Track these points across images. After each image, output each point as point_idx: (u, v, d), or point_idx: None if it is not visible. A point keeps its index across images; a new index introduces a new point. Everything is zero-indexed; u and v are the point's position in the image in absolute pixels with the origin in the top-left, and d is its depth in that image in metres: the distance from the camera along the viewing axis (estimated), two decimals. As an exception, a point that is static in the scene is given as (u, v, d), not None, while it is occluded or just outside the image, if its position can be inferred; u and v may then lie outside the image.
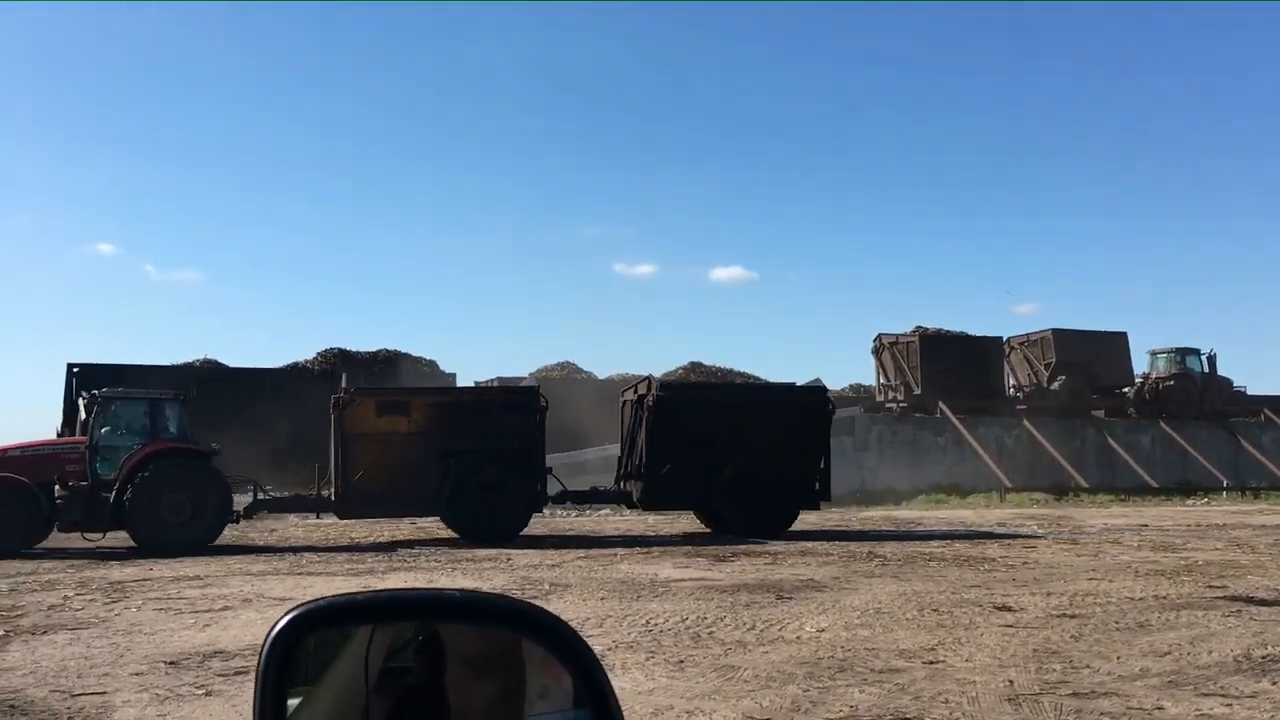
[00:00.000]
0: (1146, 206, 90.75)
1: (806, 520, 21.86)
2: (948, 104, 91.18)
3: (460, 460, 19.09)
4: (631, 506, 22.00)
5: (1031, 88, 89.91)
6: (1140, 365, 44.12)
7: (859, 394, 44.76)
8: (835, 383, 48.03)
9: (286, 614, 1.47)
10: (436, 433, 19.39)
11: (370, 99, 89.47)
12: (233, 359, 39.37)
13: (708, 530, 21.03)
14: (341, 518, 20.43)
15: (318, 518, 21.13)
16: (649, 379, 22.78)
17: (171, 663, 8.32)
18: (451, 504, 19.22)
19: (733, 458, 20.18)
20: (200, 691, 7.37)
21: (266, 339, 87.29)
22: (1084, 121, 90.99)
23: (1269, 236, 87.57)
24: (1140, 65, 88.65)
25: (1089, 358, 41.97)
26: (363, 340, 55.71)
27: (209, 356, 38.05)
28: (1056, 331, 42.44)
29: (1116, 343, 43.23)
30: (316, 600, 1.50)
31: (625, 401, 22.38)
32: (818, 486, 21.24)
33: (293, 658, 1.50)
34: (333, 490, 19.50)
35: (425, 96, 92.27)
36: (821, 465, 21.26)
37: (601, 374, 42.77)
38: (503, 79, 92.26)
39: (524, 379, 40.73)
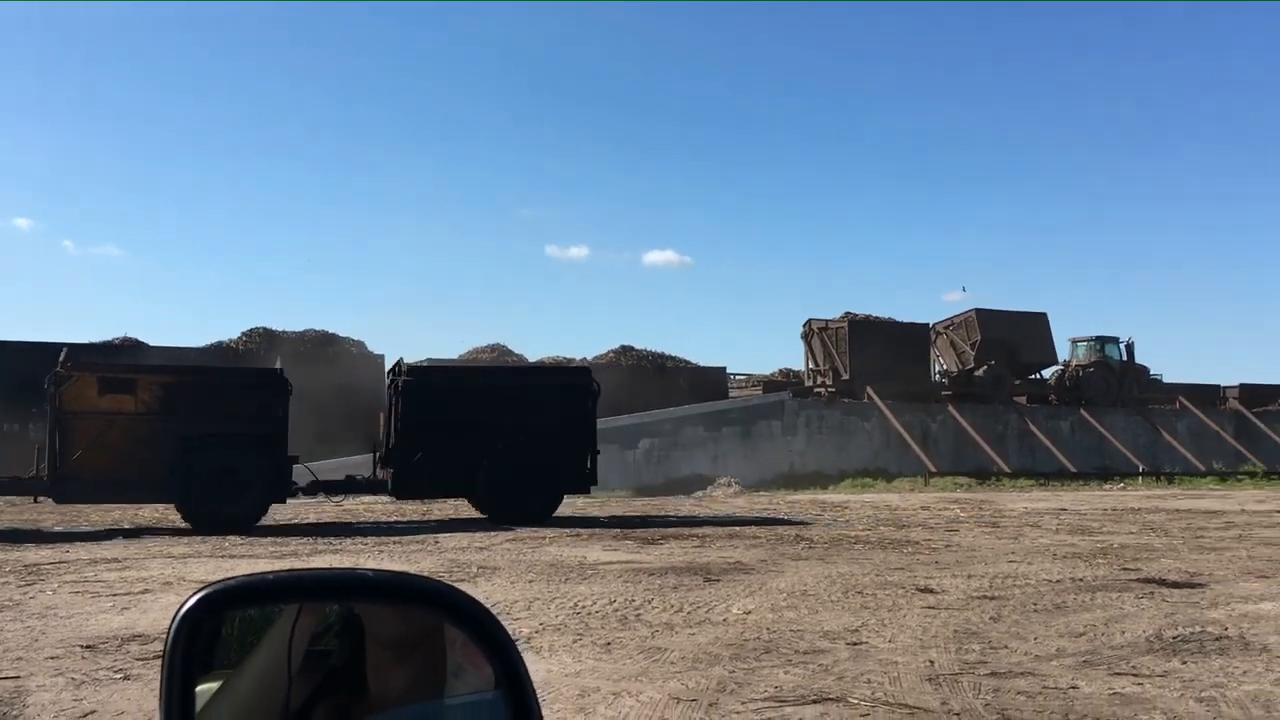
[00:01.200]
0: (1068, 198, 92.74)
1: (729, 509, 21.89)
2: (879, 93, 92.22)
3: (192, 444, 17.98)
4: (388, 495, 21.03)
5: (957, 79, 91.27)
6: (1062, 348, 45.18)
7: (788, 379, 45.19)
8: (765, 367, 48.52)
9: (195, 594, 1.44)
10: (167, 414, 18.19)
11: (298, 73, 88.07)
12: (155, 338, 38.55)
13: (478, 518, 20.07)
14: (59, 502, 18.94)
15: (35, 501, 19.51)
16: (399, 361, 21.60)
17: (88, 646, 8.14)
18: (182, 490, 17.98)
19: (492, 442, 19.55)
20: (118, 675, 7.22)
21: (191, 317, 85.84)
22: (1008, 113, 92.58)
23: (1183, 229, 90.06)
24: (1061, 53, 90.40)
25: (1013, 336, 42.80)
26: (291, 320, 54.94)
27: (129, 335, 37.25)
28: (979, 311, 43.20)
29: (1038, 322, 44.12)
30: (226, 580, 1.46)
31: (387, 385, 21.50)
32: (587, 470, 20.41)
33: (202, 639, 1.47)
34: (47, 473, 18.11)
35: (356, 73, 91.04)
36: (589, 448, 20.52)
37: (533, 357, 42.68)
38: (438, 59, 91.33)
39: (455, 361, 40.48)
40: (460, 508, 21.61)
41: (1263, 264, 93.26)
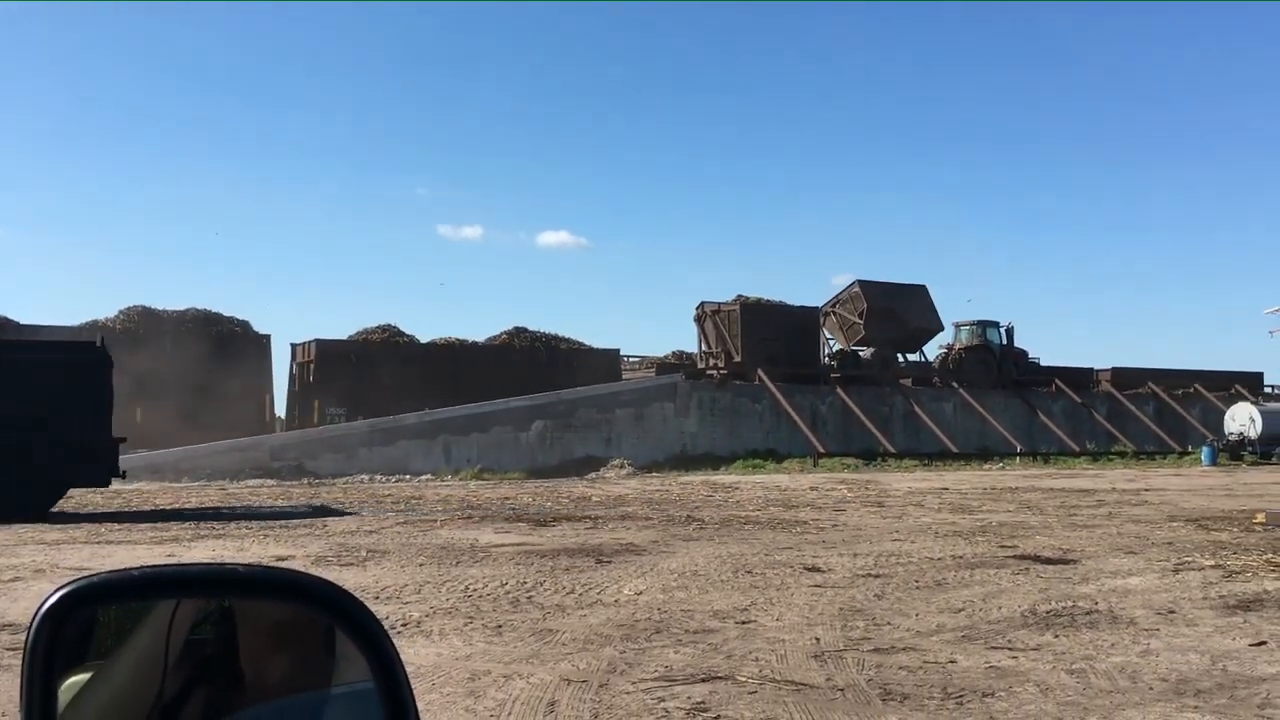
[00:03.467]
0: (952, 191, 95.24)
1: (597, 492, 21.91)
2: (772, 84, 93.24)
3: None
4: None
5: (846, 72, 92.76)
6: (946, 322, 46.26)
7: (682, 361, 45.47)
8: (659, 349, 48.80)
9: (58, 590, 1.39)
10: None
11: (187, 44, 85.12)
12: (25, 315, 36.94)
13: None
14: None
15: None
16: None
17: (-47, 638, 7.79)
18: None
19: None
20: (-15, 668, 6.94)
21: (67, 295, 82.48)
22: (894, 103, 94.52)
23: (1060, 221, 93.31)
24: (955, 53, 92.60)
25: (898, 305, 43.74)
26: (170, 299, 53.27)
27: (-1, 312, 35.67)
28: (862, 283, 44.01)
29: (919, 292, 45.13)
30: (90, 576, 1.42)
31: None
32: (104, 458, 17.98)
33: (72, 632, 1.43)
34: None
35: (244, 47, 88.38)
36: (104, 434, 18.05)
37: (424, 338, 42.13)
38: (330, 34, 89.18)
39: (344, 341, 39.80)
40: None
41: (1133, 254, 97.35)
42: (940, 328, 45.64)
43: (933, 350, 46.69)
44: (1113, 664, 6.96)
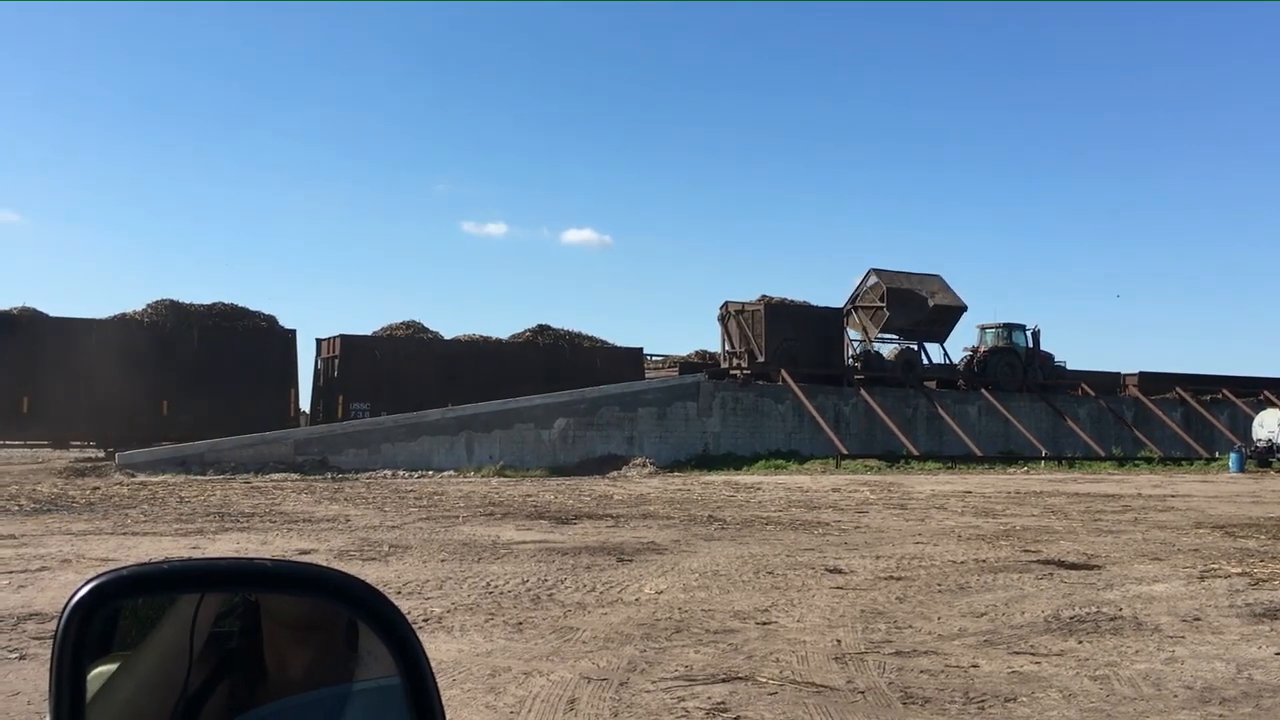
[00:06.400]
0: (975, 192, 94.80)
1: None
2: (796, 84, 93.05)
3: None
4: None
5: (867, 71, 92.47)
6: (969, 325, 45.94)
7: (705, 360, 45.35)
8: (682, 348, 48.71)
9: (86, 583, 1.40)
10: None
11: (212, 43, 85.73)
12: (55, 308, 37.23)
13: None
14: None
15: None
16: None
17: (-20, 626, 7.87)
18: None
19: None
20: (14, 655, 7.01)
21: (95, 288, 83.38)
22: (919, 105, 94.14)
23: (1087, 226, 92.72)
24: (984, 54, 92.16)
25: (918, 288, 43.47)
26: (198, 293, 53.57)
27: (28, 305, 35.97)
28: (878, 270, 43.71)
29: (937, 280, 44.75)
30: (119, 569, 1.42)
31: None
32: None
33: (98, 624, 1.44)
34: None
35: (271, 44, 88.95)
36: None
37: (448, 334, 42.23)
38: (353, 31, 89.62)
39: (369, 337, 39.95)
40: None
41: (1162, 257, 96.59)
42: (964, 306, 44.93)
43: (957, 353, 46.44)
44: (1137, 671, 6.90)
